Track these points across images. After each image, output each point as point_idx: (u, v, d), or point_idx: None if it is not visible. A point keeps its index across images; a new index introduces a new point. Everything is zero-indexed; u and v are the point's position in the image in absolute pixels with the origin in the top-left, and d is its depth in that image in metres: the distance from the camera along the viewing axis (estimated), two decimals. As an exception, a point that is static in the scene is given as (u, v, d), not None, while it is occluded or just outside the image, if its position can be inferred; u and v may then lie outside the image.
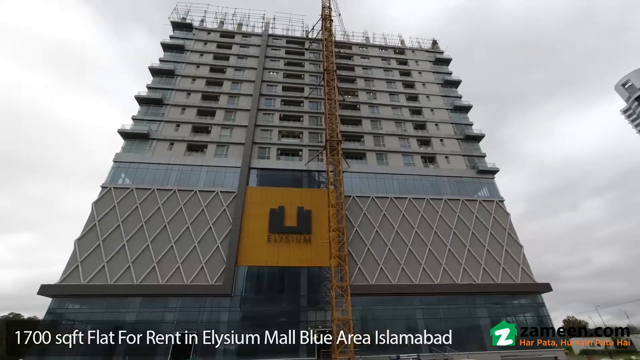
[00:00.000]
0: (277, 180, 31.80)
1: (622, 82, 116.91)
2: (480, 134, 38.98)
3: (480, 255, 30.00)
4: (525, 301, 29.09)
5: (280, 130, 35.97)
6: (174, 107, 35.62)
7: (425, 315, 26.79)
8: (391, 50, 48.60)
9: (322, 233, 27.85)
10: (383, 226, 30.22)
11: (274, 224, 28.21)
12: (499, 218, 32.83)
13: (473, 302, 27.88)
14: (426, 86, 44.11)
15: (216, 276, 25.22)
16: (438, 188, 34.02)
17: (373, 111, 39.99)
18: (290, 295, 26.32)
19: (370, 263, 28.09)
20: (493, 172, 36.06)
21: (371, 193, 32.11)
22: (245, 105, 36.83)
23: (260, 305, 25.28)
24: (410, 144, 37.46)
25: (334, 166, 29.97)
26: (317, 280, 27.18)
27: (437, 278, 28.07)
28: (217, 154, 32.69)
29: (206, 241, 26.89)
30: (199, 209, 28.40)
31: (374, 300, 26.66)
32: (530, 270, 30.12)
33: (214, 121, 35.11)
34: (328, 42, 38.18)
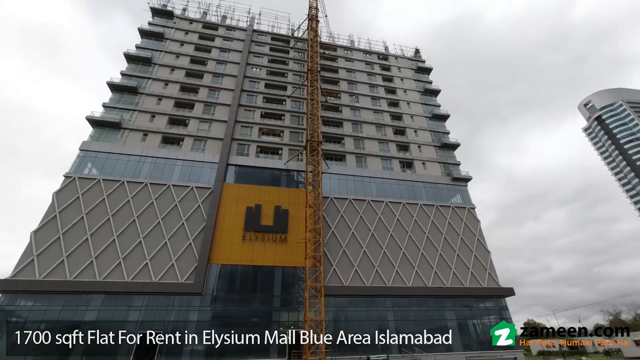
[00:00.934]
0: (255, 178, 31.24)
1: (585, 103, 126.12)
2: (456, 142, 40.44)
3: (450, 260, 31.04)
4: (490, 304, 30.41)
5: (260, 128, 35.42)
6: (149, 96, 34.08)
7: (397, 316, 27.29)
8: (375, 55, 49.40)
9: (298, 233, 27.68)
10: (359, 228, 30.52)
11: (250, 222, 27.68)
12: (470, 224, 34.16)
13: (442, 304, 28.77)
14: (407, 93, 45.20)
15: (187, 274, 24.34)
16: (414, 193, 34.87)
17: (355, 114, 40.38)
18: (264, 295, 25.89)
19: (345, 264, 28.25)
20: (466, 180, 37.50)
21: (349, 195, 32.35)
22: (225, 100, 35.96)
23: (231, 304, 24.64)
24: (390, 149, 38.18)
25: (314, 167, 29.93)
26: (292, 281, 26.95)
27: (410, 281, 28.72)
28: (193, 148, 31.64)
29: (178, 238, 25.89)
30: (171, 204, 27.31)
31: (347, 302, 26.82)
32: (496, 275, 31.58)
33: (192, 114, 33.97)
34: (313, 43, 38.16)
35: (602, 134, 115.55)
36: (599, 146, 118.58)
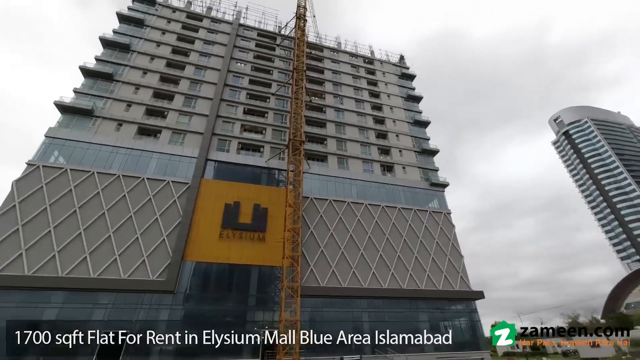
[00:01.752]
0: (235, 174, 30.60)
1: (555, 118, 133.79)
2: (435, 149, 41.57)
3: (425, 263, 31.81)
4: (461, 307, 31.44)
5: (243, 124, 34.78)
6: (126, 85, 32.56)
7: (371, 317, 27.59)
8: (361, 59, 49.92)
9: (277, 232, 27.38)
10: (338, 229, 30.62)
11: (227, 220, 27.05)
12: (445, 229, 35.18)
13: (416, 306, 29.41)
14: (390, 98, 45.98)
15: (159, 271, 23.41)
16: (393, 196, 35.47)
17: (338, 116, 40.56)
18: (239, 294, 25.36)
19: (322, 265, 28.23)
20: (444, 185, 38.61)
21: (329, 196, 32.40)
22: (208, 93, 35.02)
23: (205, 303, 23.94)
24: (371, 152, 38.64)
25: (295, 166, 29.73)
26: (268, 280, 26.59)
27: (385, 282, 29.14)
28: (172, 141, 30.54)
29: (151, 233, 24.86)
30: (145, 198, 26.20)
31: (323, 302, 26.80)
32: (468, 278, 32.69)
33: (171, 106, 32.79)
34: (300, 42, 37.97)
35: (568, 148, 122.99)
36: (565, 159, 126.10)
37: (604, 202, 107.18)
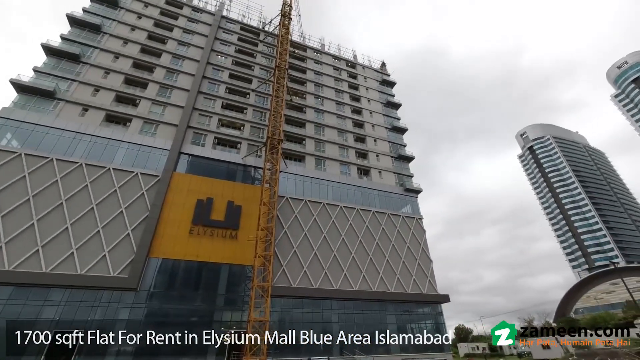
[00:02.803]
0: (209, 170, 29.64)
1: (521, 133, 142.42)
2: (411, 155, 42.69)
3: (396, 266, 32.51)
4: (428, 310, 32.41)
5: (220, 119, 33.82)
6: (94, 68, 30.58)
7: (341, 319, 27.73)
8: (344, 62, 50.33)
9: (250, 230, 26.83)
10: (312, 230, 30.55)
11: (199, 216, 26.12)
12: (417, 234, 36.18)
13: (385, 308, 29.94)
14: (370, 103, 46.71)
15: (121, 267, 22.10)
16: (368, 200, 35.97)
17: (318, 117, 40.58)
18: (207, 293, 24.50)
19: (294, 265, 28.02)
20: (417, 191, 39.71)
21: (305, 196, 32.26)
22: (184, 84, 33.71)
23: (170, 302, 22.89)
24: (349, 155, 38.99)
25: (272, 164, 29.34)
26: (238, 279, 25.96)
27: (357, 284, 29.43)
28: (142, 131, 29.03)
29: (114, 227, 23.43)
30: (110, 190, 24.67)
31: (293, 303, 26.58)
32: (435, 282, 33.79)
33: (144, 94, 31.20)
34: (284, 40, 37.61)
35: (532, 162, 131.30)
36: (529, 173, 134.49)
37: (560, 215, 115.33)
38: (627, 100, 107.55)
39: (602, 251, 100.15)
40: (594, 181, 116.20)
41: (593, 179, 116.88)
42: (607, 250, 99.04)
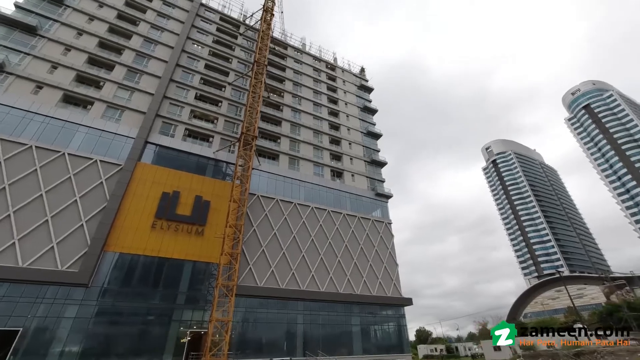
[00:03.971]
0: (178, 162, 28.30)
1: (486, 147, 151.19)
2: (384, 161, 43.65)
3: (363, 269, 32.99)
4: (391, 312, 33.21)
5: (193, 110, 32.48)
6: (53, 43, 28.10)
7: (306, 320, 27.60)
8: (324, 63, 50.51)
9: (218, 227, 25.98)
10: (282, 230, 30.19)
11: (163, 209, 24.80)
12: (385, 238, 37.00)
13: (350, 310, 30.24)
14: (348, 106, 47.23)
15: (71, 261, 20.36)
16: (340, 202, 36.24)
17: (295, 116, 40.31)
18: (167, 290, 23.28)
19: (262, 264, 27.49)
20: (388, 196, 40.66)
21: (277, 195, 31.84)
22: (156, 70, 31.98)
23: (125, 299, 21.44)
24: (324, 156, 39.08)
25: (245, 161, 28.67)
26: (202, 277, 24.99)
27: (323, 286, 29.46)
28: (105, 116, 27.10)
29: (65, 217, 21.57)
30: (63, 176, 22.71)
31: (258, 303, 26.07)
32: (400, 286, 34.72)
33: (110, 77, 29.17)
34: (265, 35, 37.00)
35: (495, 175, 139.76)
36: (491, 185, 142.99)
37: (516, 226, 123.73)
38: (578, 124, 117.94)
39: (550, 260, 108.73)
40: (547, 196, 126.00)
41: (546, 194, 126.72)
42: (554, 260, 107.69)
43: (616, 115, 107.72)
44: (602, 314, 44.02)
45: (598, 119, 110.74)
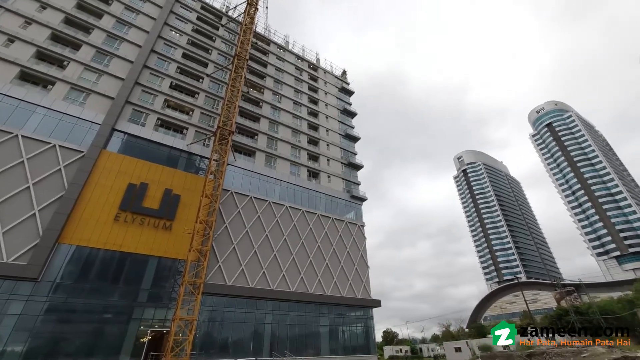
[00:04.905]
0: (147, 153, 26.93)
1: (458, 156, 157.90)
2: (360, 164, 44.22)
3: (335, 270, 33.15)
4: (360, 313, 33.62)
5: (167, 100, 31.12)
6: (11, 14, 25.67)
7: (274, 320, 27.26)
8: (306, 63, 50.37)
9: (187, 222, 25.02)
10: (255, 228, 29.64)
11: (128, 201, 23.46)
12: (357, 240, 37.43)
13: (319, 311, 30.25)
14: (328, 108, 47.40)
15: (18, 253, 18.68)
16: (315, 202, 36.21)
17: (274, 114, 39.83)
18: (128, 287, 22.01)
19: (232, 262, 26.82)
20: (362, 199, 41.20)
21: (251, 192, 31.24)
22: (128, 54, 30.29)
23: (80, 295, 19.99)
24: (301, 156, 38.91)
25: (220, 156, 27.87)
26: (168, 274, 23.92)
27: (294, 286, 29.25)
28: (68, 98, 25.23)
29: (14, 204, 19.77)
30: (14, 160, 20.81)
31: (226, 302, 25.37)
32: (370, 288, 35.25)
33: (76, 57, 27.21)
34: (247, 29, 36.25)
35: (465, 184, 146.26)
36: (461, 193, 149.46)
37: (482, 233, 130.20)
38: (541, 141, 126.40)
39: (510, 267, 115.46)
40: (510, 206, 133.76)
41: (510, 204, 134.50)
42: (514, 267, 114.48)
43: (574, 135, 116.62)
44: (553, 318, 47.28)
45: (558, 137, 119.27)
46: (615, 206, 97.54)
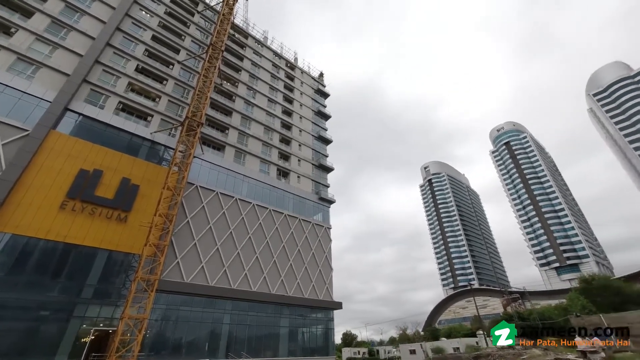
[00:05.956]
0: (105, 138, 25.00)
1: (425, 166, 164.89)
2: (331, 167, 44.51)
3: (298, 271, 32.95)
4: (321, 315, 33.67)
5: (132, 83, 29.19)
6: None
7: (233, 320, 26.45)
8: (284, 61, 49.89)
9: (145, 215, 23.57)
10: (219, 224, 28.64)
11: (78, 188, 21.55)
12: (323, 242, 37.55)
13: (280, 312, 29.85)
14: (302, 108, 47.25)
15: (-62, 239, 16.38)
16: (283, 202, 35.82)
17: (247, 109, 38.93)
18: (71, 282, 20.17)
19: (192, 259, 25.65)
20: (331, 202, 41.45)
21: (218, 188, 30.19)
22: (89, 29, 27.91)
23: (12, 290, 17.95)
24: (272, 154, 38.34)
25: (186, 147, 26.68)
26: (118, 269, 22.31)
27: (256, 285, 28.61)
28: (13, 70, 22.69)
29: (-61, 184, 17.36)
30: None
31: (182, 300, 24.18)
32: (332, 290, 35.46)
33: (26, 25, 24.55)
34: (225, 19, 35.18)
35: (429, 193, 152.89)
36: (425, 201, 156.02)
37: (442, 241, 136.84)
38: (499, 158, 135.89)
39: (465, 274, 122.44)
40: (469, 217, 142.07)
41: (469, 215, 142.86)
42: (469, 274, 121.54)
43: (527, 154, 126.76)
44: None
45: (514, 156, 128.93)
46: (558, 222, 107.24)
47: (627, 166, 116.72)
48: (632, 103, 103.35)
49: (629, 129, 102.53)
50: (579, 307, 32.78)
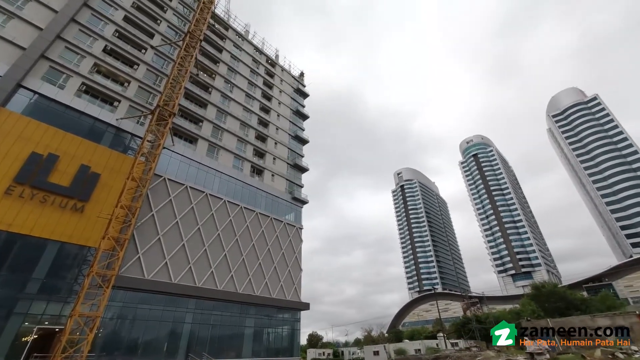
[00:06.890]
0: (63, 120, 23.12)
1: (398, 172, 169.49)
2: (306, 167, 44.38)
3: (267, 270, 32.43)
4: (288, 316, 33.35)
5: (98, 64, 27.32)
6: None
7: (195, 319, 25.45)
8: (264, 57, 49.17)
9: (105, 205, 22.07)
10: (186, 219, 27.49)
11: (28, 173, 19.72)
12: (294, 242, 37.28)
13: (246, 311, 29.19)
14: (281, 106, 46.78)
15: None
16: (255, 200, 35.14)
17: (224, 102, 37.86)
18: (14, 275, 18.38)
19: (155, 255, 24.37)
20: (304, 202, 41.29)
21: (187, 182, 29.01)
22: (52, 1, 25.74)
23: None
24: (247, 151, 37.55)
25: (156, 137, 25.37)
26: (71, 263, 20.68)
27: (222, 284, 27.77)
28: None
29: None
30: None
31: (141, 298, 22.90)
32: (301, 291, 35.27)
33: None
34: (205, 7, 34.03)
35: (400, 199, 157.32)
36: (396, 206, 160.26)
37: (410, 245, 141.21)
38: (467, 169, 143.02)
39: (430, 278, 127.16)
40: (437, 223, 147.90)
41: (436, 222, 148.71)
42: (433, 278, 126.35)
43: (493, 167, 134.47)
44: (458, 325, 53.14)
45: (481, 167, 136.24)
46: (516, 232, 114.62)
47: (578, 184, 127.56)
48: (584, 126, 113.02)
49: (580, 149, 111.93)
50: (529, 312, 35.19)
